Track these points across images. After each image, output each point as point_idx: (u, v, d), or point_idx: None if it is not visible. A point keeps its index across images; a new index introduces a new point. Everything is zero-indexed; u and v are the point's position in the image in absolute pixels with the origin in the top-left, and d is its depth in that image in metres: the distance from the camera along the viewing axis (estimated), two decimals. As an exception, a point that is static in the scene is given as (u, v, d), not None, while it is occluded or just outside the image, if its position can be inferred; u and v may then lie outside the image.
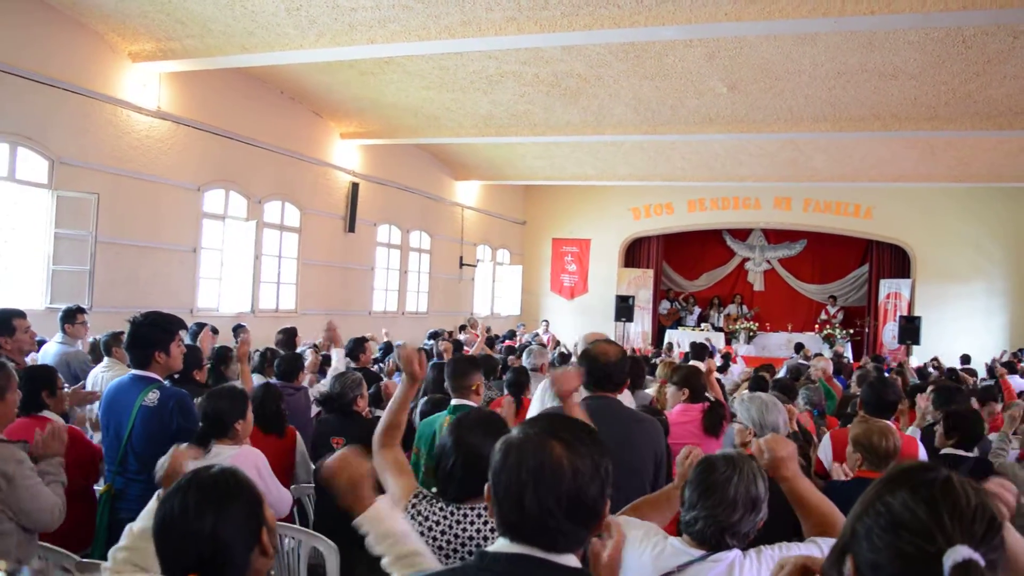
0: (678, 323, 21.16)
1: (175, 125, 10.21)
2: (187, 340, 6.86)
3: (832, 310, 20.37)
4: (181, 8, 8.23)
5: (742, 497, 2.39)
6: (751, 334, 19.84)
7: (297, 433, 4.91)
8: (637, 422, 3.59)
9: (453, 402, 4.29)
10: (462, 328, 14.96)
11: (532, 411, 4.75)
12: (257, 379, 6.14)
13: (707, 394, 5.05)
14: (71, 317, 6.74)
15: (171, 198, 10.22)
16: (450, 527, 2.48)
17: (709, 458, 2.52)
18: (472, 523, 2.48)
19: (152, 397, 3.80)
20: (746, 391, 6.28)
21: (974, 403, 6.23)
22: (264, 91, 11.79)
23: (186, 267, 10.52)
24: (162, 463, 2.47)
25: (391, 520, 2.11)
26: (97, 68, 9.10)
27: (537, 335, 15.77)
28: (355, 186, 13.97)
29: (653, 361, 10.50)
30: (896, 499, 1.24)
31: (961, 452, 4.70)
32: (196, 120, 10.51)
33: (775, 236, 21.77)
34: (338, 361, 6.52)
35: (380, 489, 2.37)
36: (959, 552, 1.15)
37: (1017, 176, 15.21)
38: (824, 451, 4.76)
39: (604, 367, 3.43)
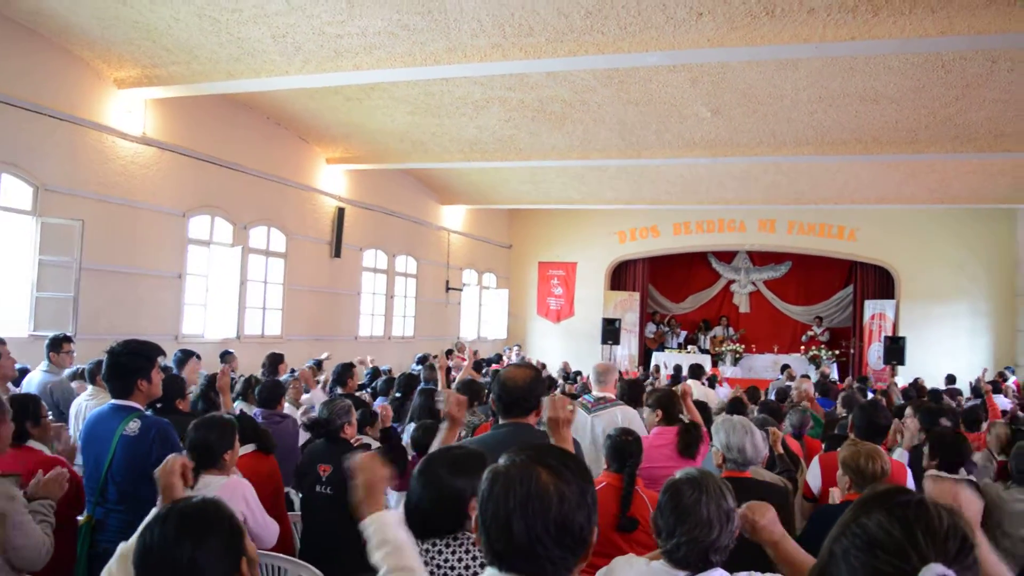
0: (664, 345, 21.20)
1: (160, 151, 10.21)
2: (173, 368, 6.86)
3: (818, 331, 20.46)
4: (167, 35, 8.25)
5: (715, 514, 2.42)
6: (737, 356, 19.90)
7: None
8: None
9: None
10: (449, 353, 14.93)
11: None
12: (240, 407, 6.10)
13: (681, 416, 5.05)
14: (57, 346, 6.70)
15: (156, 224, 10.20)
16: (432, 559, 2.46)
17: (674, 483, 2.54)
18: (440, 553, 2.44)
19: (133, 427, 3.76)
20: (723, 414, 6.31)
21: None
22: (250, 117, 11.81)
23: (171, 293, 10.47)
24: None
25: (395, 529, 2.12)
26: (82, 94, 9.10)
27: (524, 358, 15.79)
28: (341, 211, 13.98)
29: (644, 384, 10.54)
30: (872, 520, 1.27)
31: (944, 474, 4.72)
32: (181, 146, 10.51)
33: (760, 258, 21.90)
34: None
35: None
36: (933, 570, 1.18)
37: (998, 198, 15.40)
38: (812, 475, 4.77)
39: (513, 392, 3.32)
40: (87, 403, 5.72)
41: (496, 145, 12.61)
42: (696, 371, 11.43)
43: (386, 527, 2.11)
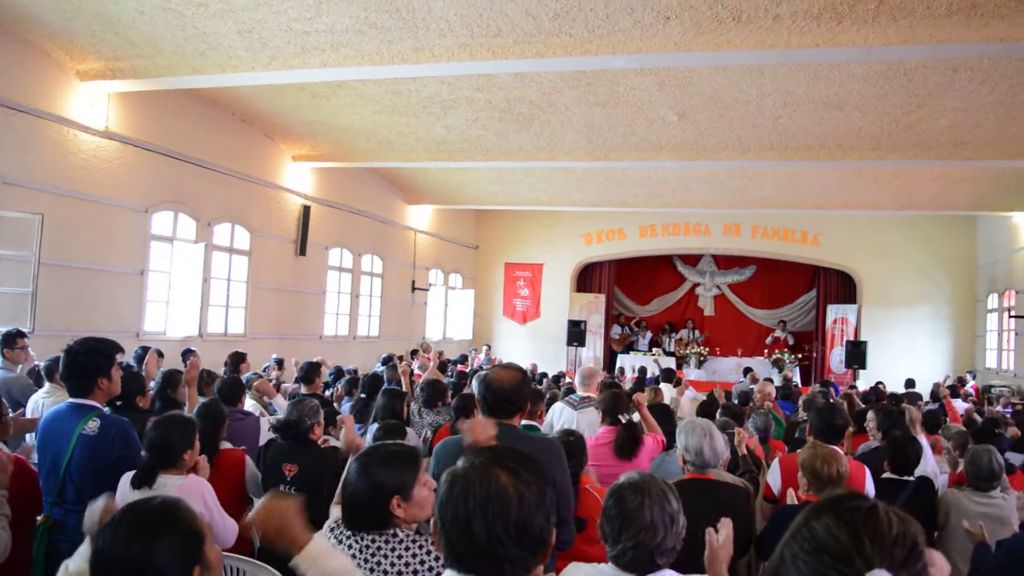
0: (630, 348, 21.29)
1: (123, 145, 10.07)
2: (133, 365, 6.77)
3: (782, 334, 20.68)
4: (131, 28, 8.14)
5: (658, 517, 2.44)
6: (701, 359, 20.06)
7: (247, 457, 4.82)
8: (534, 447, 3.50)
9: (523, 422, 4.52)
10: (414, 353, 14.89)
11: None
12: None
13: (620, 416, 5.08)
14: (10, 341, 6.58)
15: (118, 219, 10.05)
16: (359, 551, 2.47)
17: (616, 488, 2.56)
18: (379, 549, 2.46)
19: (92, 426, 3.71)
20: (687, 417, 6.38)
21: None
22: (215, 112, 11.69)
23: (132, 290, 10.33)
24: (93, 512, 2.40)
25: (328, 558, 2.10)
26: (43, 86, 8.94)
27: (492, 360, 15.80)
28: (307, 209, 13.88)
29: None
30: (820, 524, 1.29)
31: (900, 476, 4.81)
32: (145, 140, 10.37)
33: (725, 262, 22.10)
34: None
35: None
36: (876, 575, 1.19)
37: (959, 204, 15.68)
38: (773, 476, 4.82)
39: (498, 393, 3.33)
40: (44, 400, 5.63)
41: (463, 145, 12.60)
42: (668, 375, 11.93)
43: (317, 560, 2.08)
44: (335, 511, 2.77)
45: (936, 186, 14.76)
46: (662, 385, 10.43)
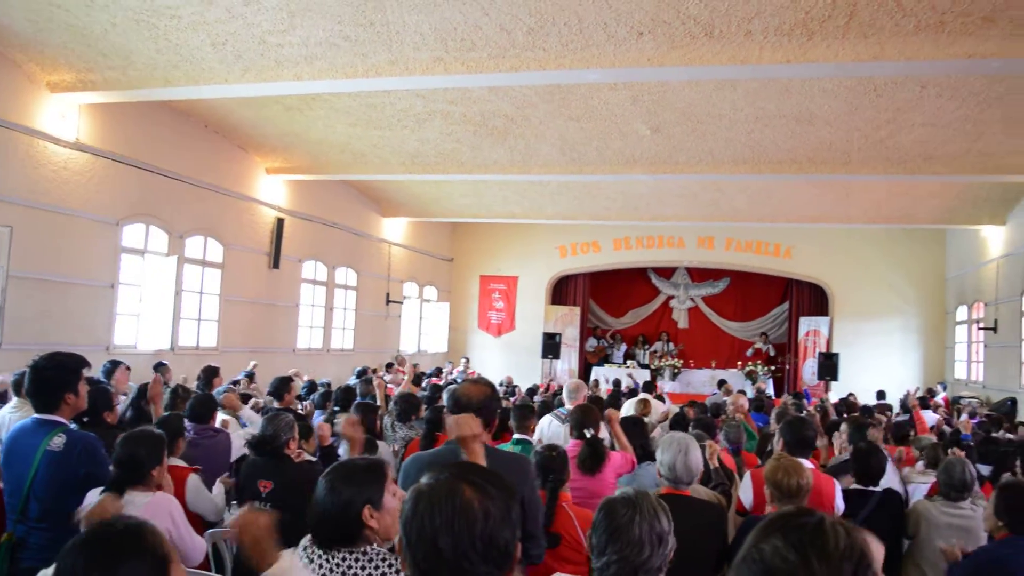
0: (605, 360, 21.33)
1: (94, 157, 9.98)
2: (101, 379, 6.68)
3: (763, 346, 20.83)
4: (103, 39, 8.08)
5: (647, 535, 2.43)
6: (676, 371, 20.13)
7: (192, 477, 4.74)
8: (502, 462, 3.50)
9: (515, 436, 5.42)
10: (389, 366, 14.84)
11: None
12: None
13: (586, 431, 5.08)
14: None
15: (88, 232, 9.95)
16: (332, 570, 2.46)
17: (609, 501, 2.56)
18: (349, 568, 2.45)
19: (58, 442, 3.66)
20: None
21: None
22: (188, 124, 11.62)
23: (103, 303, 10.22)
24: (86, 507, 2.38)
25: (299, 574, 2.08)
26: (13, 97, 8.85)
27: (464, 372, 15.76)
28: (280, 222, 13.82)
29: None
30: (769, 546, 1.29)
31: (866, 488, 4.85)
32: (116, 153, 10.29)
33: (698, 274, 22.22)
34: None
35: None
36: None
37: (928, 218, 15.90)
38: (744, 489, 4.84)
39: (466, 409, 3.26)
40: (11, 416, 5.56)
41: (438, 158, 12.60)
42: (648, 387, 12.41)
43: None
44: None
45: (906, 200, 14.96)
46: (641, 395, 10.50)
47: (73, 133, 9.62)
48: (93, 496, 3.60)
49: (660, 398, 12.04)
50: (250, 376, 9.88)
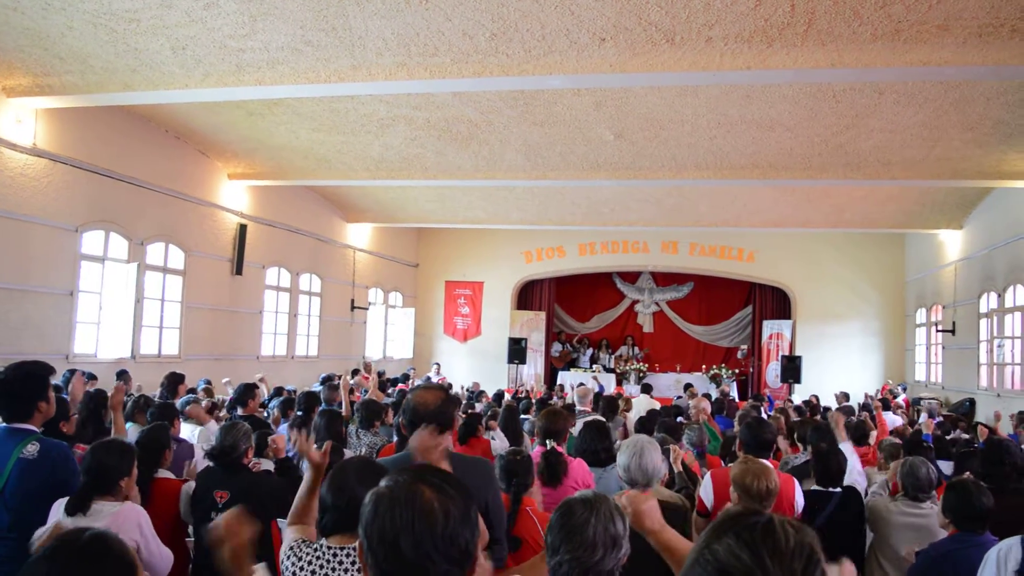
0: (571, 365, 21.39)
1: (52, 163, 9.83)
2: (61, 386, 6.57)
3: (741, 357, 21.04)
4: (60, 44, 7.97)
5: (601, 537, 2.44)
6: (641, 375, 20.24)
7: (184, 486, 4.72)
8: (464, 466, 3.37)
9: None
10: (355, 372, 14.75)
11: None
12: (129, 428, 5.87)
13: (548, 441, 5.07)
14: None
15: (46, 239, 9.80)
16: (320, 567, 2.50)
17: (568, 502, 2.58)
18: (341, 563, 2.51)
19: (31, 449, 3.64)
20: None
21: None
22: (148, 130, 11.49)
23: (62, 311, 10.06)
24: (41, 534, 2.34)
25: None
26: (-33, 103, 8.71)
27: (428, 378, 15.72)
28: (243, 228, 13.71)
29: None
30: (722, 546, 1.30)
31: (825, 488, 4.92)
32: (75, 158, 10.15)
33: (663, 279, 22.38)
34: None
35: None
36: None
37: (887, 223, 16.17)
38: (705, 490, 4.87)
39: (423, 416, 3.27)
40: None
41: (402, 163, 12.58)
42: (646, 388, 13.29)
43: None
44: (290, 532, 2.76)
45: (865, 205, 15.19)
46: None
47: (30, 138, 9.48)
48: (59, 507, 3.56)
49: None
50: (207, 391, 9.72)
